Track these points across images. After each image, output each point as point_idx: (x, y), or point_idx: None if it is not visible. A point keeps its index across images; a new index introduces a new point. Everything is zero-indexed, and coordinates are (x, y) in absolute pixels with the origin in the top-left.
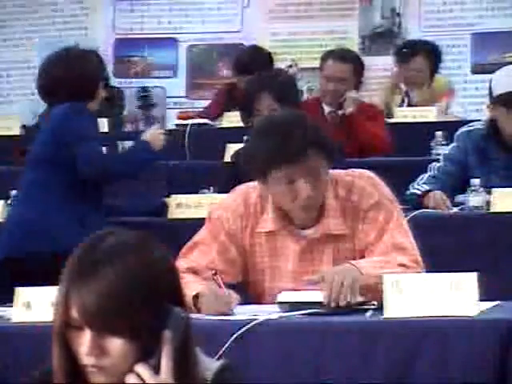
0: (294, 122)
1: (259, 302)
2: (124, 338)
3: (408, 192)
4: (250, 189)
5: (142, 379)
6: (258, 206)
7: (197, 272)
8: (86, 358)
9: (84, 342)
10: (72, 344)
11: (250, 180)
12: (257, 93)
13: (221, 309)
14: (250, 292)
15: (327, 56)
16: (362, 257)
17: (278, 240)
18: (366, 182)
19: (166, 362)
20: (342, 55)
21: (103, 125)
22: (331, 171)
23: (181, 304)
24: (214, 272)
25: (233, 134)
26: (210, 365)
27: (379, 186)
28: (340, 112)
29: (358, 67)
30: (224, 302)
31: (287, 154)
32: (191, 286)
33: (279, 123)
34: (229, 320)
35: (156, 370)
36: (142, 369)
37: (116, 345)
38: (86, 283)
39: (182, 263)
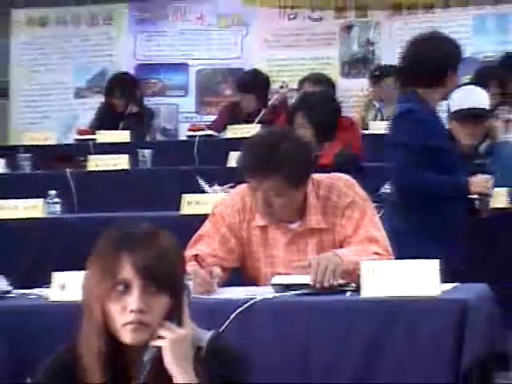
0: (272, 144)
1: (255, 285)
2: (166, 297)
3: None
4: (245, 190)
5: (171, 330)
6: (253, 204)
7: (201, 259)
8: (130, 315)
9: (131, 301)
10: (108, 310)
11: None
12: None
13: (199, 288)
14: (247, 275)
15: (304, 80)
16: (342, 247)
17: (269, 233)
18: (343, 183)
19: (186, 319)
20: (315, 79)
21: (127, 136)
22: (314, 175)
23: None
24: (195, 254)
25: (235, 144)
26: (203, 335)
27: (354, 187)
28: None
29: (330, 88)
30: (204, 283)
31: (252, 170)
32: (198, 272)
33: (260, 143)
34: (230, 299)
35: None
36: (169, 323)
37: (159, 302)
38: (143, 249)
39: (188, 252)
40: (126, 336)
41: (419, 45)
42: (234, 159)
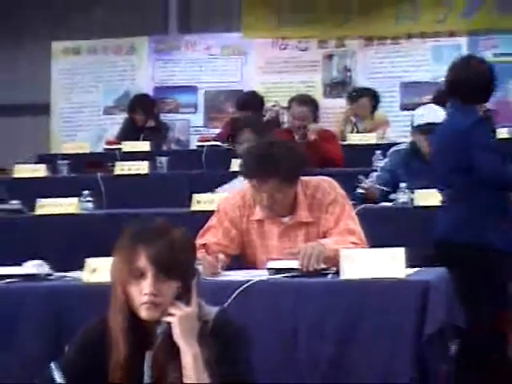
0: (268, 151)
1: (253, 268)
2: (175, 282)
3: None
4: (245, 189)
5: (179, 309)
6: (252, 201)
7: (208, 247)
8: (144, 297)
9: (145, 285)
10: (129, 291)
11: None
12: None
13: (207, 271)
14: (246, 261)
15: (292, 100)
16: (325, 237)
17: (265, 225)
18: (327, 184)
19: (193, 299)
20: (302, 99)
21: (147, 146)
22: (303, 177)
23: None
24: (203, 243)
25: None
26: (210, 310)
27: (336, 187)
28: (306, 139)
29: (314, 107)
30: (211, 267)
31: (254, 172)
32: (206, 257)
33: (258, 150)
34: (232, 280)
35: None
36: (178, 303)
37: (169, 286)
38: (155, 242)
39: (198, 241)
40: (142, 313)
41: (475, 68)
42: (236, 165)
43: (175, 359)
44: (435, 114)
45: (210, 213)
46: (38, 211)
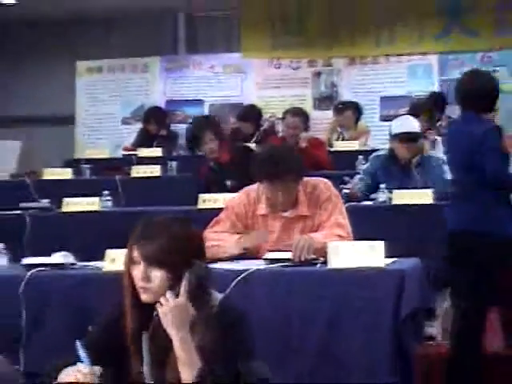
0: (282, 154)
1: (253, 258)
2: (163, 272)
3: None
4: (250, 189)
5: (166, 300)
6: (256, 199)
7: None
8: (138, 282)
9: (139, 272)
10: (132, 275)
11: None
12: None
13: (260, 239)
14: (250, 251)
15: (286, 112)
16: (318, 229)
17: (268, 219)
18: (323, 184)
19: (182, 291)
20: (295, 111)
21: (159, 152)
22: (304, 178)
23: (200, 258)
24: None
25: None
26: (216, 296)
27: (330, 187)
28: (298, 146)
29: (305, 118)
30: (261, 236)
31: (273, 175)
32: (229, 237)
33: (271, 155)
34: (234, 269)
35: (177, 295)
36: (168, 293)
37: (157, 275)
38: (146, 239)
39: (209, 230)
40: (140, 296)
41: (484, 80)
42: None
43: (170, 342)
44: (410, 124)
45: (215, 210)
46: (65, 209)
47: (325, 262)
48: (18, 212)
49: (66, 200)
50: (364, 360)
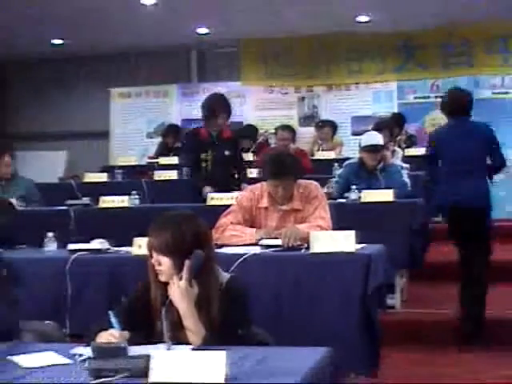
0: (284, 158)
1: (252, 245)
2: (169, 259)
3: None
4: (255, 186)
5: (173, 282)
6: (259, 195)
7: (230, 223)
8: (155, 265)
9: (154, 258)
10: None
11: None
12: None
13: (268, 233)
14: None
15: (277, 128)
16: (305, 221)
17: (268, 211)
18: (313, 186)
19: (184, 275)
20: (284, 127)
21: (175, 160)
22: (298, 180)
23: (203, 248)
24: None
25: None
26: (224, 275)
27: (318, 188)
28: None
29: (293, 133)
30: (269, 231)
31: (276, 174)
32: (245, 229)
33: (276, 158)
34: (234, 253)
35: (181, 279)
36: (175, 278)
37: (165, 261)
38: (157, 230)
39: (223, 219)
40: (158, 276)
41: (463, 94)
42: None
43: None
44: (375, 138)
45: (221, 206)
46: (101, 205)
47: (308, 248)
48: (65, 208)
49: (102, 198)
50: (339, 325)
